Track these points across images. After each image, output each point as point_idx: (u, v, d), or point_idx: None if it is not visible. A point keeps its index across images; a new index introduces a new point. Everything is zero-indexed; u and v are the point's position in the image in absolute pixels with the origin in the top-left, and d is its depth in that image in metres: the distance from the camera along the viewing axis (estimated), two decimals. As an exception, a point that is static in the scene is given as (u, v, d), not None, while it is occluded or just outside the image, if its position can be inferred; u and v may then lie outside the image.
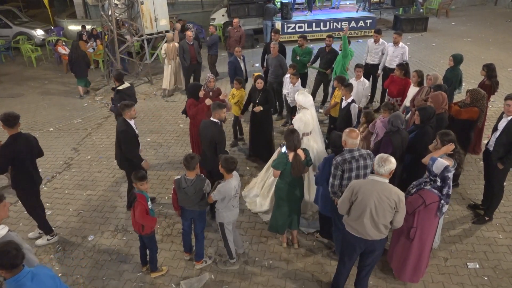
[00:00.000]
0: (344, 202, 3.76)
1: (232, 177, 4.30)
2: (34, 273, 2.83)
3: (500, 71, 10.27)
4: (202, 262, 4.83)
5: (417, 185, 4.05)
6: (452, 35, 14.30)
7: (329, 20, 14.39)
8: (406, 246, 4.18)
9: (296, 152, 4.45)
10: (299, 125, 5.44)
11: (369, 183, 3.62)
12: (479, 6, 18.83)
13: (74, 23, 17.21)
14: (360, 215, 3.65)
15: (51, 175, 7.08)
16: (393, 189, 3.58)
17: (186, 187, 4.32)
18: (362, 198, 3.58)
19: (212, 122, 5.14)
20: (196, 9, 16.97)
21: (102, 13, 11.48)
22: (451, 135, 4.27)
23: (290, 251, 5.00)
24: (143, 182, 4.19)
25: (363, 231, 3.69)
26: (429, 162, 3.93)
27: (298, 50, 8.42)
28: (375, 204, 3.55)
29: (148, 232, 4.38)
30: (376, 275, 4.57)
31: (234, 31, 10.53)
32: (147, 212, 4.24)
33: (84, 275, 4.82)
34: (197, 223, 4.67)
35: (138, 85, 11.32)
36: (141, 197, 4.21)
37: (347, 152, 4.15)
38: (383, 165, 3.54)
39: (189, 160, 4.26)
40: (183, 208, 4.58)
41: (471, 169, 6.44)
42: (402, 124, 4.81)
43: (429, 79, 6.28)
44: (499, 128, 4.88)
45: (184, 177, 4.36)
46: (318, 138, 5.69)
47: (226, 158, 4.23)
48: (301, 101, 5.54)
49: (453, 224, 5.32)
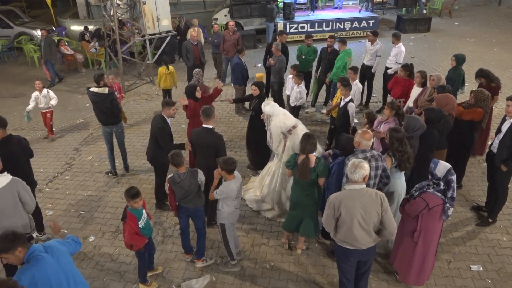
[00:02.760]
0: (328, 219, 3.63)
1: (234, 178, 4.29)
2: (46, 245, 3.12)
3: (503, 71, 10.25)
4: (203, 260, 4.82)
5: (420, 188, 4.01)
6: (455, 35, 14.23)
7: (332, 20, 14.35)
8: (410, 250, 4.13)
9: (307, 156, 4.39)
10: (277, 131, 5.46)
11: (347, 194, 3.53)
12: (482, 6, 18.74)
13: (77, 23, 17.23)
14: (349, 228, 3.54)
15: (52, 175, 7.08)
16: (372, 192, 3.53)
17: (181, 181, 4.36)
18: (346, 211, 3.48)
19: (205, 129, 5.09)
20: (198, 9, 16.95)
21: (104, 13, 11.49)
22: (401, 132, 4.32)
23: (291, 253, 4.97)
24: (136, 200, 4.00)
25: (356, 242, 3.60)
26: (431, 165, 3.88)
27: (304, 49, 8.39)
28: (361, 214, 3.47)
29: (136, 249, 4.26)
30: (378, 277, 4.54)
31: (229, 35, 10.05)
32: (136, 233, 4.12)
33: (85, 276, 4.77)
34: (195, 220, 4.69)
35: (140, 85, 11.32)
36: (131, 218, 4.06)
37: (359, 152, 4.14)
38: (355, 172, 3.45)
39: (175, 158, 4.37)
40: (179, 205, 4.58)
41: (474, 170, 6.39)
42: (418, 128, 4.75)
43: (432, 80, 6.25)
44: (502, 130, 4.83)
45: (177, 173, 4.42)
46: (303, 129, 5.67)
47: (224, 159, 4.21)
48: (269, 111, 5.57)
49: (456, 226, 5.27)
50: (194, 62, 9.75)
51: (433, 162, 3.89)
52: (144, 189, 6.27)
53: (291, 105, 7.71)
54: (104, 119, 6.45)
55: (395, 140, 4.28)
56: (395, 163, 4.33)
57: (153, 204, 5.99)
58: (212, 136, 5.05)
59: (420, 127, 4.71)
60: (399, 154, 4.27)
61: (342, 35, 14.26)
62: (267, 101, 5.73)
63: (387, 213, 3.53)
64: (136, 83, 11.50)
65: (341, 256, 3.84)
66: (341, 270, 3.92)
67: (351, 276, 3.92)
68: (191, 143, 5.24)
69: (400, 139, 4.27)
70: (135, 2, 10.74)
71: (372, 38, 8.23)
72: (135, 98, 10.53)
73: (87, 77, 12.44)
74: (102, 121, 6.50)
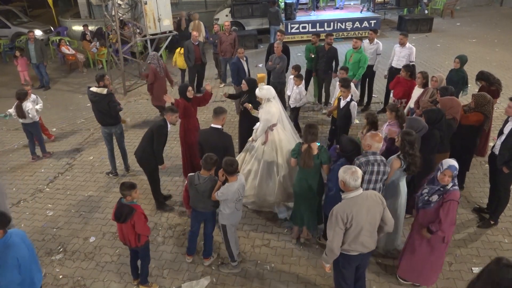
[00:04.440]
0: (337, 236, 3.43)
1: (235, 180, 4.27)
2: (11, 232, 3.50)
3: (505, 72, 10.21)
4: (210, 258, 4.89)
5: (433, 192, 3.89)
6: (457, 35, 14.19)
7: (333, 20, 14.31)
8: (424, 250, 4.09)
9: (309, 145, 4.52)
10: (267, 117, 5.51)
11: (353, 203, 3.41)
12: (484, 7, 18.69)
13: (78, 23, 17.23)
14: (356, 236, 3.48)
15: (53, 175, 7.08)
16: (371, 193, 3.52)
17: (198, 184, 4.34)
18: (356, 220, 3.41)
19: (214, 129, 5.09)
20: (199, 9, 16.92)
21: (106, 13, 11.48)
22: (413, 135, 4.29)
23: (292, 254, 4.96)
24: (136, 189, 4.08)
25: (362, 247, 3.56)
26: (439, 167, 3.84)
27: (311, 48, 8.38)
28: (368, 219, 3.45)
29: (143, 242, 4.28)
30: (379, 278, 4.52)
31: (226, 36, 9.97)
32: (146, 220, 4.21)
33: (85, 276, 4.80)
34: (208, 224, 4.69)
35: (141, 85, 11.31)
36: (137, 207, 4.11)
37: (370, 154, 4.14)
38: (357, 178, 3.41)
39: (208, 161, 4.31)
40: (195, 210, 4.57)
41: (476, 171, 6.37)
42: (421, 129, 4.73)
43: (434, 81, 6.22)
44: (504, 132, 4.80)
45: (198, 174, 4.39)
46: (286, 127, 5.83)
47: (225, 160, 4.21)
48: (265, 94, 5.60)
49: (458, 228, 5.24)
50: (195, 62, 9.77)
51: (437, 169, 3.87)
52: (144, 190, 6.27)
53: (290, 106, 7.68)
54: (102, 119, 6.44)
55: (407, 143, 4.25)
56: (404, 166, 4.30)
57: (154, 204, 5.99)
58: (220, 136, 5.05)
59: (423, 128, 4.69)
60: (410, 158, 4.25)
61: (343, 35, 14.25)
62: (261, 85, 5.76)
63: (386, 209, 3.55)
64: (137, 83, 11.49)
65: (344, 264, 3.74)
66: (342, 276, 3.83)
67: (352, 280, 3.89)
68: (199, 144, 5.20)
69: (412, 142, 4.25)
70: (136, 2, 10.73)
71: (372, 36, 8.16)
72: (136, 98, 10.53)
73: (88, 77, 12.45)
74: (100, 121, 6.50)
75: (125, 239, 4.24)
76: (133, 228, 4.11)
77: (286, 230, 5.38)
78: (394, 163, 4.27)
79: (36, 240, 5.44)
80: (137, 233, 4.15)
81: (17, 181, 6.96)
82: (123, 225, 4.13)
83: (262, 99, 5.64)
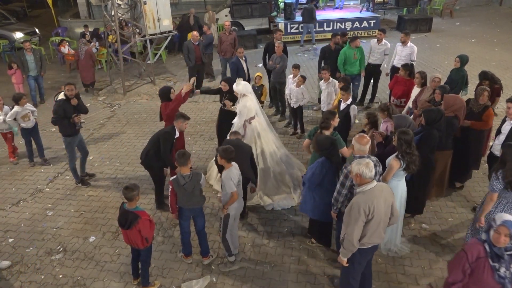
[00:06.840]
0: (359, 229, 3.42)
1: (231, 165, 4.41)
2: None
3: (505, 72, 10.23)
4: (209, 257, 4.88)
5: None
6: (457, 35, 14.21)
7: (333, 20, 14.32)
8: None
9: (322, 132, 4.87)
10: (242, 110, 5.76)
11: (374, 194, 3.43)
12: (483, 7, 18.71)
13: (78, 23, 17.22)
14: (376, 229, 3.49)
15: (53, 175, 7.08)
16: (384, 184, 3.67)
17: (185, 184, 4.35)
18: (376, 212, 3.42)
19: (239, 141, 5.14)
20: (199, 9, 16.89)
21: (105, 13, 11.49)
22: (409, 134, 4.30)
23: (292, 254, 4.97)
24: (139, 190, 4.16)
25: (377, 239, 3.58)
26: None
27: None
28: (385, 209, 3.49)
29: (150, 243, 4.31)
30: (379, 278, 4.53)
31: (226, 35, 10.02)
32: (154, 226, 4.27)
33: (85, 276, 4.81)
34: (197, 220, 4.68)
35: (141, 85, 11.32)
36: (144, 213, 4.14)
37: (358, 158, 4.09)
38: (372, 169, 3.46)
39: (181, 156, 4.35)
40: (182, 208, 4.57)
41: (476, 171, 6.37)
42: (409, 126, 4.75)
43: (436, 82, 6.16)
44: (503, 132, 4.81)
45: (181, 175, 4.39)
46: (262, 120, 6.09)
47: (224, 149, 4.35)
48: (242, 90, 5.83)
49: (458, 227, 5.26)
50: (196, 62, 9.77)
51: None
52: (144, 190, 6.27)
53: (290, 106, 7.69)
54: None
55: (404, 142, 4.25)
56: (404, 166, 4.30)
57: (154, 204, 5.99)
58: (247, 146, 5.26)
59: (410, 124, 4.72)
60: (408, 157, 4.25)
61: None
62: (239, 81, 5.93)
63: (394, 201, 3.64)
64: (137, 83, 11.50)
65: (360, 259, 3.70)
66: (353, 272, 3.79)
67: (359, 275, 3.90)
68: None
69: (409, 141, 4.25)
70: (136, 2, 10.73)
71: (381, 36, 8.21)
72: (135, 98, 10.53)
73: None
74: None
75: (131, 242, 4.24)
76: (139, 233, 4.11)
77: (286, 230, 5.39)
78: (393, 164, 4.27)
79: (36, 240, 5.45)
80: (143, 236, 4.15)
81: (17, 181, 6.95)
82: (128, 230, 4.12)
83: (239, 94, 5.82)
